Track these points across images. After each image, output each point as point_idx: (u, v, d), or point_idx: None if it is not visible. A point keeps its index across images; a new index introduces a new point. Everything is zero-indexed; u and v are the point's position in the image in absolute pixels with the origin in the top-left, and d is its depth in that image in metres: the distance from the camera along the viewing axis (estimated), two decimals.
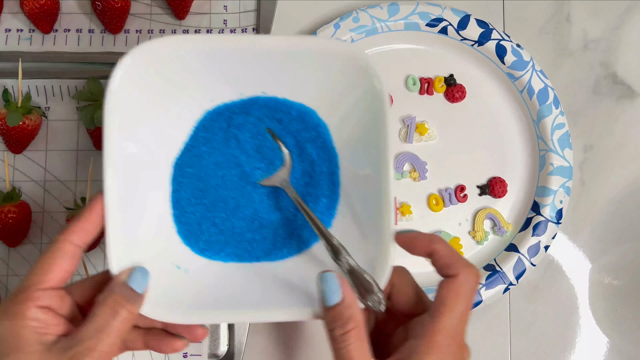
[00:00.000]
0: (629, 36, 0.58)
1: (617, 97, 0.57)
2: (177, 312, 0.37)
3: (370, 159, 0.40)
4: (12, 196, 0.51)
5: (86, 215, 0.36)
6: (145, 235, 0.39)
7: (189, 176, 0.43)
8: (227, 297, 0.40)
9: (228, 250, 0.43)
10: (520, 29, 0.58)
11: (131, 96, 0.39)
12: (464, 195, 0.54)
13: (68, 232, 0.35)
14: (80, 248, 0.35)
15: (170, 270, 0.40)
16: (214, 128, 0.44)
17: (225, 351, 0.51)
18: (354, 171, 0.43)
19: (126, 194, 0.38)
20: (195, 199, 0.43)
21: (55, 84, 0.54)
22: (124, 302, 0.34)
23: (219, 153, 0.44)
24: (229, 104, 0.43)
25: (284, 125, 0.44)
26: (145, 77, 0.39)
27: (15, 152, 0.53)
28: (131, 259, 0.37)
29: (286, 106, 0.43)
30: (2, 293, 0.52)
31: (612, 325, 0.54)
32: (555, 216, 0.53)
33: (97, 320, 0.33)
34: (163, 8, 0.56)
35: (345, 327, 0.34)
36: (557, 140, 0.54)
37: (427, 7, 0.55)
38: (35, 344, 0.32)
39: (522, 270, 0.52)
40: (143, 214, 0.40)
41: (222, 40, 0.40)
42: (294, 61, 0.41)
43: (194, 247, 0.42)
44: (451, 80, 0.55)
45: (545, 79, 0.54)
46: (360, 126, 0.42)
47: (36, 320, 0.33)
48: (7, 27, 0.55)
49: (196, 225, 0.43)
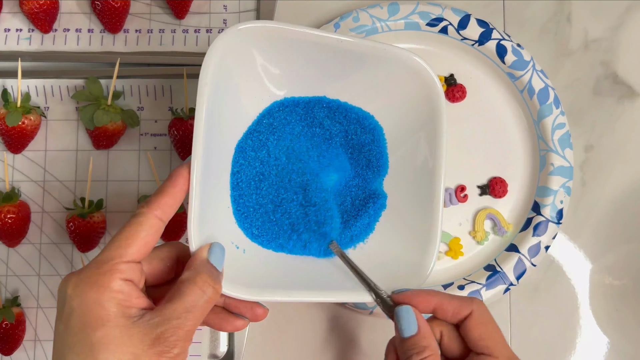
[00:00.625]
0: (629, 36, 0.58)
1: (618, 97, 0.57)
2: (245, 289, 0.37)
3: (422, 170, 0.42)
4: (11, 196, 0.50)
5: (169, 189, 0.35)
6: (213, 213, 0.39)
7: (251, 160, 0.43)
8: (286, 279, 0.40)
9: (279, 242, 0.43)
10: (521, 28, 0.58)
11: (222, 73, 0.39)
12: (464, 195, 0.54)
13: (152, 206, 0.35)
14: (162, 222, 0.35)
15: (230, 249, 0.39)
16: (282, 118, 0.44)
17: (225, 351, 0.51)
18: (403, 179, 0.44)
19: (205, 171, 0.37)
20: (254, 183, 0.43)
21: (54, 84, 0.54)
22: (210, 281, 0.34)
23: (284, 144, 0.45)
24: (296, 99, 0.44)
25: (344, 127, 0.45)
26: (236, 57, 0.39)
27: (15, 152, 0.53)
28: (207, 235, 0.37)
29: (346, 109, 0.45)
30: (2, 293, 0.52)
31: (613, 325, 0.54)
32: (556, 216, 0.53)
33: (187, 300, 0.33)
34: (162, 7, 0.56)
35: (422, 354, 0.35)
36: (557, 140, 0.54)
37: (427, 7, 0.55)
38: (120, 317, 0.32)
39: (523, 270, 0.52)
40: (214, 192, 0.40)
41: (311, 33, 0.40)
42: (357, 65, 0.42)
43: (247, 231, 0.42)
44: (451, 80, 0.55)
45: (545, 79, 0.54)
46: (415, 134, 0.43)
47: (121, 293, 0.32)
48: (6, 26, 0.55)
49: (251, 210, 0.43)
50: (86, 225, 0.50)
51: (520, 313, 0.54)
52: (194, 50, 0.55)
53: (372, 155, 0.45)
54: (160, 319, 0.32)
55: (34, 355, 0.51)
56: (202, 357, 0.51)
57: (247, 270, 0.39)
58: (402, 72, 0.42)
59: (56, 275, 0.52)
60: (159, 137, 0.54)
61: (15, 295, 0.52)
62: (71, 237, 0.51)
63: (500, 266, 0.52)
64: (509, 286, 0.52)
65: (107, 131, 0.52)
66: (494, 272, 0.52)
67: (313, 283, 0.40)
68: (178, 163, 0.53)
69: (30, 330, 0.51)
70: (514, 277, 0.52)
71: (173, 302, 0.33)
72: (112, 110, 0.52)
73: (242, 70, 0.41)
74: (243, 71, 0.41)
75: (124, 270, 0.33)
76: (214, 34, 0.55)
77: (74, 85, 0.54)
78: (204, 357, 0.51)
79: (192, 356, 0.51)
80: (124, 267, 0.33)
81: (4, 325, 0.49)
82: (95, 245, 0.52)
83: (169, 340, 0.32)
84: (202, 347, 0.51)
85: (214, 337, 0.51)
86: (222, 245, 0.36)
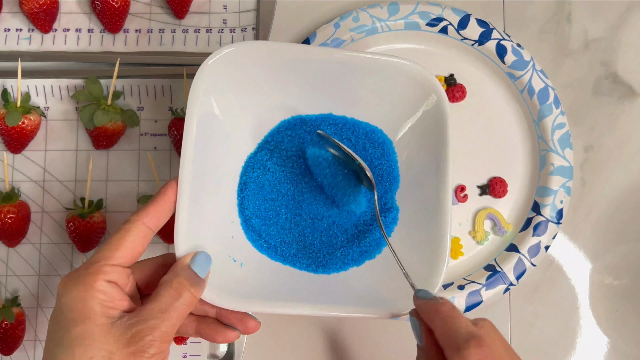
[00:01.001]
0: (629, 36, 0.58)
1: (618, 96, 0.57)
2: (236, 300, 0.38)
3: (429, 181, 0.42)
4: (11, 196, 0.50)
5: (158, 199, 0.37)
6: (211, 222, 0.41)
7: (260, 176, 0.44)
8: (282, 292, 0.40)
9: (289, 253, 0.43)
10: (521, 28, 0.58)
11: (215, 86, 0.40)
12: (464, 195, 0.54)
13: (141, 214, 0.37)
14: (151, 230, 0.37)
15: (226, 261, 0.41)
16: (290, 135, 0.45)
17: (225, 351, 0.51)
18: (412, 192, 0.44)
19: (199, 184, 0.39)
20: (263, 198, 0.44)
21: (54, 84, 0.54)
22: (187, 285, 0.35)
23: (293, 161, 0.45)
24: (304, 117, 0.45)
25: (352, 144, 0.45)
26: (236, 75, 0.41)
27: (15, 152, 0.53)
28: (195, 244, 0.38)
29: (354, 125, 0.45)
30: (2, 293, 0.52)
31: (613, 325, 0.54)
32: (556, 216, 0.53)
33: (161, 301, 0.34)
34: (162, 7, 0.56)
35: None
36: (557, 140, 0.54)
37: (427, 7, 0.55)
38: (101, 316, 0.33)
39: (523, 270, 0.52)
40: (213, 206, 0.41)
41: (297, 50, 0.41)
42: (358, 79, 0.42)
43: (255, 243, 0.43)
44: (451, 80, 0.55)
45: (545, 79, 0.54)
46: (421, 146, 0.43)
47: (104, 293, 0.34)
48: (6, 26, 0.55)
49: (260, 224, 0.43)
50: (86, 225, 0.50)
51: (520, 313, 0.54)
52: (193, 50, 0.55)
53: (382, 170, 0.45)
54: (136, 319, 0.34)
55: (34, 355, 0.51)
56: (202, 357, 0.51)
57: (242, 282, 0.40)
58: (403, 81, 0.42)
59: (56, 275, 0.52)
60: (159, 137, 0.54)
61: (15, 295, 0.52)
62: (71, 237, 0.51)
63: (500, 266, 0.52)
64: (508, 286, 0.52)
65: (107, 131, 0.52)
66: (493, 272, 0.52)
67: (316, 297, 0.40)
68: (178, 163, 0.53)
69: (30, 330, 0.51)
70: (513, 277, 0.52)
71: (150, 303, 0.35)
72: (112, 110, 0.52)
73: (242, 86, 0.42)
74: (244, 87, 0.42)
75: (109, 272, 0.35)
76: (214, 33, 0.55)
77: (74, 85, 0.54)
78: (204, 357, 0.51)
79: (192, 356, 0.51)
80: (110, 270, 0.35)
81: (4, 325, 0.49)
82: (95, 245, 0.52)
83: (144, 340, 0.33)
84: (202, 347, 0.51)
85: None
86: (207, 254, 0.38)
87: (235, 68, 0.41)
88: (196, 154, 0.39)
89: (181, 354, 0.51)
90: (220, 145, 0.42)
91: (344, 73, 0.42)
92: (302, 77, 0.42)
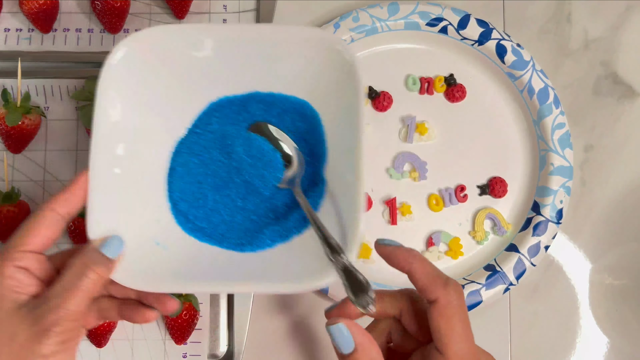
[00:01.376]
0: (629, 36, 0.58)
1: (618, 96, 0.57)
2: (149, 281, 0.38)
3: (347, 142, 0.41)
4: (11, 196, 0.50)
5: (70, 187, 0.38)
6: (133, 207, 0.41)
7: (189, 159, 0.44)
8: (207, 272, 0.41)
9: (216, 233, 0.43)
10: (521, 28, 0.58)
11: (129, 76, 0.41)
12: (464, 195, 0.54)
13: (51, 202, 0.37)
14: (62, 217, 0.37)
15: (148, 244, 0.41)
16: (219, 117, 0.45)
17: (225, 351, 0.51)
18: (336, 163, 0.43)
19: (118, 171, 0.40)
20: (193, 181, 0.44)
21: (54, 84, 0.54)
22: (91, 265, 0.36)
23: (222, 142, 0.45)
24: (230, 97, 0.45)
25: (281, 119, 0.45)
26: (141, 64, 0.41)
27: (15, 152, 0.53)
28: (109, 228, 0.38)
29: (281, 100, 0.44)
30: None
31: (613, 325, 0.54)
32: (556, 216, 0.53)
33: (65, 280, 0.35)
34: (162, 7, 0.56)
35: None
36: (557, 140, 0.54)
37: (427, 7, 0.55)
38: (8, 302, 0.35)
39: (523, 270, 0.52)
40: (135, 189, 0.41)
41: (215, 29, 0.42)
42: (280, 52, 0.42)
43: (184, 226, 0.43)
44: (451, 80, 0.55)
45: (545, 79, 0.54)
46: (341, 114, 0.42)
47: (12, 279, 0.35)
48: (6, 26, 0.55)
49: (188, 206, 0.44)
50: None
51: (519, 313, 0.54)
52: None
53: (312, 145, 0.44)
54: (40, 300, 0.35)
55: None
56: (202, 357, 0.51)
57: (164, 264, 0.40)
58: (314, 50, 0.41)
59: None
60: None
61: None
62: (71, 236, 0.51)
63: (500, 266, 0.52)
64: (508, 286, 0.52)
65: None
66: (493, 272, 0.52)
67: (240, 276, 0.40)
68: None
69: None
70: (513, 277, 0.52)
71: (54, 284, 0.35)
72: None
73: (164, 74, 0.42)
74: (165, 74, 0.42)
75: (19, 259, 0.36)
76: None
77: (74, 85, 0.54)
78: (204, 357, 0.51)
79: (192, 356, 0.51)
80: (19, 256, 0.36)
81: None
82: None
83: (47, 319, 0.34)
84: (202, 347, 0.51)
85: (213, 337, 0.51)
86: (119, 238, 0.38)
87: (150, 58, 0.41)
88: (111, 141, 0.40)
89: (181, 354, 0.51)
90: (146, 132, 0.42)
91: (252, 49, 0.42)
92: (217, 58, 0.42)
